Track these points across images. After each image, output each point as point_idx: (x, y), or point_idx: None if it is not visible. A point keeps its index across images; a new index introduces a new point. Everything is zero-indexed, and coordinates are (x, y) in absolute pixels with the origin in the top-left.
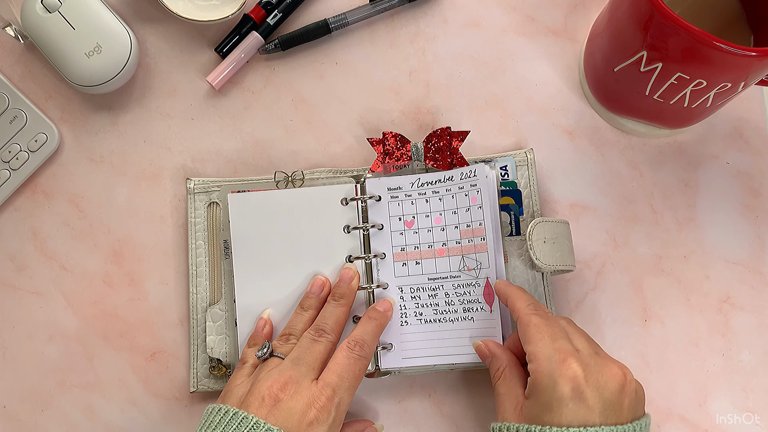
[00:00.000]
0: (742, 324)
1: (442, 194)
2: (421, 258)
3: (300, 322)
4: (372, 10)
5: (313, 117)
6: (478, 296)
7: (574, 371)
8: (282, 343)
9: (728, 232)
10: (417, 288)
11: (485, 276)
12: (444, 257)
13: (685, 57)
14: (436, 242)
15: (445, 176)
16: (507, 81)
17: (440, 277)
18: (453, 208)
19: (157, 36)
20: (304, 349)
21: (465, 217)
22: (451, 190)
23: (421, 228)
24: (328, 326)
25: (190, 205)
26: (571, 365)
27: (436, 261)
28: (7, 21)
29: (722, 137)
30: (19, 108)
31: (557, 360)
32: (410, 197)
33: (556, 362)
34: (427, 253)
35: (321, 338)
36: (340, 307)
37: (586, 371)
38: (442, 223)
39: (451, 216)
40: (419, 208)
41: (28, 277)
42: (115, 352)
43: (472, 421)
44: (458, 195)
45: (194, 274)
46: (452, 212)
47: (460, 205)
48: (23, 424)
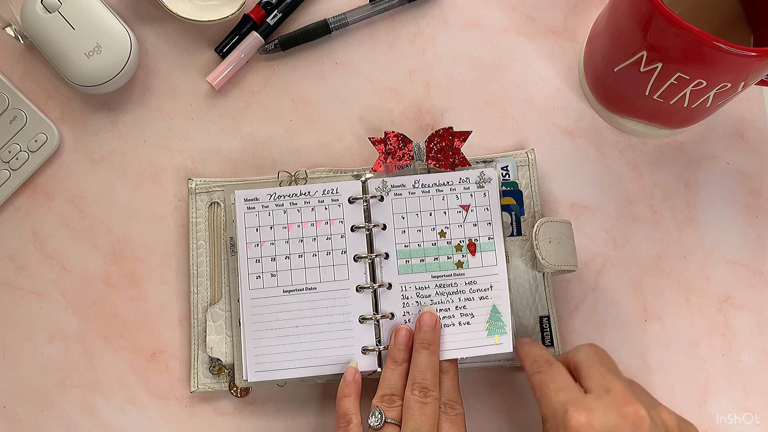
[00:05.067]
0: (742, 324)
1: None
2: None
3: (398, 379)
4: (372, 10)
5: (313, 117)
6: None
7: (576, 421)
8: (389, 407)
9: (728, 232)
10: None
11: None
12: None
13: (685, 57)
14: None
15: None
16: (507, 81)
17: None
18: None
19: (157, 36)
20: (419, 418)
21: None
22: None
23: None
24: (429, 381)
25: (192, 205)
26: (572, 416)
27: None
28: (7, 21)
29: (722, 137)
30: (19, 108)
31: (560, 414)
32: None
33: (560, 417)
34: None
35: (427, 398)
36: (432, 356)
37: (591, 416)
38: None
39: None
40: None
41: (28, 277)
42: (115, 352)
43: (472, 421)
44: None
45: (195, 274)
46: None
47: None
48: (23, 424)
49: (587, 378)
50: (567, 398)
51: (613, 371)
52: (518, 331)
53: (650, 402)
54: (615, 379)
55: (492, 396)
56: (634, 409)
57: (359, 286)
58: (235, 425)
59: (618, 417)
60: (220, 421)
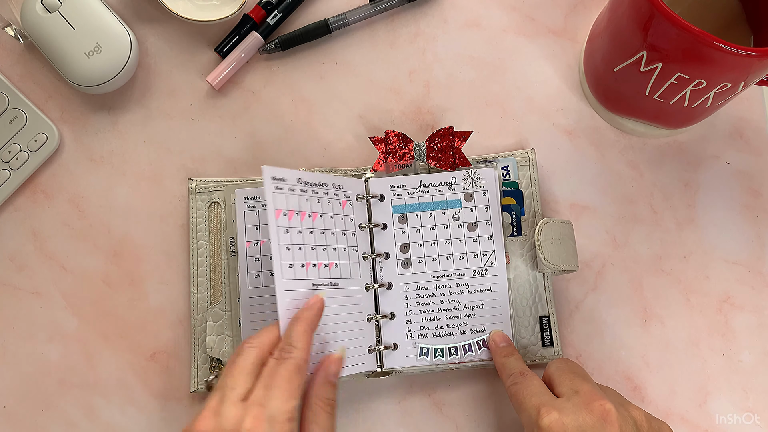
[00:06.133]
0: (742, 324)
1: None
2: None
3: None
4: (372, 10)
5: (313, 117)
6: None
7: (549, 419)
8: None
9: (728, 232)
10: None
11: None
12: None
13: (685, 57)
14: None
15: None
16: (507, 81)
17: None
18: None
19: (157, 36)
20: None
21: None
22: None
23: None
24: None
25: (192, 205)
26: (544, 416)
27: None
28: (7, 21)
29: (722, 137)
30: (19, 108)
31: (534, 416)
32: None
33: (533, 419)
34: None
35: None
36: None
37: (562, 414)
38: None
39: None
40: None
41: (28, 277)
42: (115, 352)
43: (472, 421)
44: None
45: (195, 274)
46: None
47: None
48: (23, 424)
49: (558, 385)
50: (540, 401)
51: (582, 376)
52: (518, 331)
53: (619, 400)
54: (583, 382)
55: (491, 396)
56: (600, 404)
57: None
58: None
59: (587, 412)
60: None
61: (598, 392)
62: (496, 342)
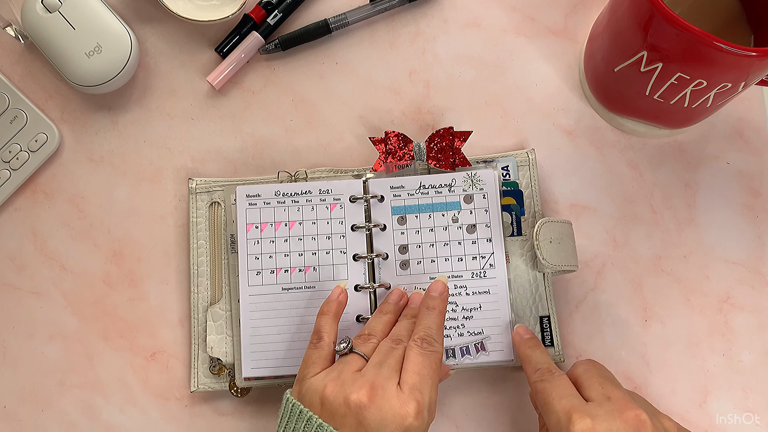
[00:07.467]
0: (742, 324)
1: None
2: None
3: (380, 324)
4: (372, 10)
5: (313, 117)
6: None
7: (582, 425)
8: (362, 342)
9: (728, 232)
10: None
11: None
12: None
13: (685, 57)
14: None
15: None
16: (507, 81)
17: None
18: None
19: (157, 36)
20: (384, 354)
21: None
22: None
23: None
24: (405, 336)
25: (192, 205)
26: (577, 422)
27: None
28: (7, 21)
29: (722, 137)
30: (19, 108)
31: (564, 421)
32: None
33: (563, 423)
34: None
35: (399, 345)
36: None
37: (595, 422)
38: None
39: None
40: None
41: (28, 277)
42: (115, 352)
43: (472, 421)
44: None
45: (195, 274)
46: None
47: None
48: (23, 424)
49: (587, 389)
50: (570, 405)
51: (612, 381)
52: None
53: (651, 410)
54: (615, 388)
55: (492, 396)
56: (635, 413)
57: (358, 286)
58: (235, 425)
59: (621, 422)
60: (220, 421)
61: (631, 400)
62: (521, 335)
